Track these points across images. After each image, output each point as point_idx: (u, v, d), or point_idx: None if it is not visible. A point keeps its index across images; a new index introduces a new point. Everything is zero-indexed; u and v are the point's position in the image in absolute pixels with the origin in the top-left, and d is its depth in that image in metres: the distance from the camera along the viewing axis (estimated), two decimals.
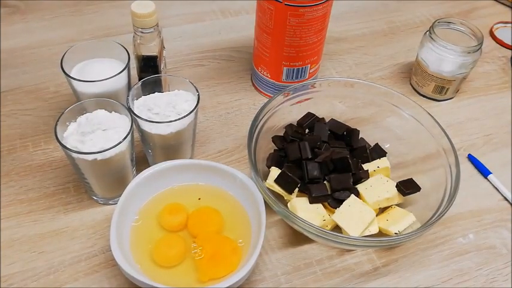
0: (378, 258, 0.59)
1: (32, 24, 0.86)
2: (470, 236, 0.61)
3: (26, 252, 0.57)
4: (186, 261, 0.53)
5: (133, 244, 0.54)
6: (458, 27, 0.76)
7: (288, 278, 0.56)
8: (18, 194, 0.62)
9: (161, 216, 0.56)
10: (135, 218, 0.56)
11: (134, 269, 0.49)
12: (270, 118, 0.63)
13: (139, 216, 0.56)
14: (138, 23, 0.60)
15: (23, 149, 0.67)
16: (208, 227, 0.56)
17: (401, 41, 0.89)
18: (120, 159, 0.56)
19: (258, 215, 0.54)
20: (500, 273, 0.58)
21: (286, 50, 0.68)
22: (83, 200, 0.62)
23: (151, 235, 0.55)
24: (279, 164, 0.61)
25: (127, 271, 0.48)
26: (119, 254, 0.49)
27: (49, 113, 0.71)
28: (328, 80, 0.66)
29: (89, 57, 0.65)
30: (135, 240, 0.54)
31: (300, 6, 0.63)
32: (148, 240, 0.55)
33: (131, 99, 0.59)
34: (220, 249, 0.54)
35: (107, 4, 0.91)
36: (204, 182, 0.59)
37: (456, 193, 0.55)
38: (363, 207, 0.56)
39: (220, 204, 0.58)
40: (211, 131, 0.71)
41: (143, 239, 0.55)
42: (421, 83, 0.77)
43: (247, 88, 0.78)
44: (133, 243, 0.54)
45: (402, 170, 0.64)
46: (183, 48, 0.84)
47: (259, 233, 0.52)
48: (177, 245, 0.54)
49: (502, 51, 0.88)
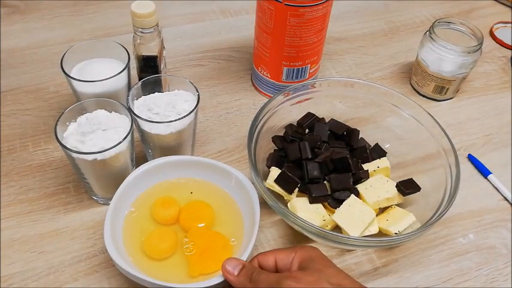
0: (378, 258, 0.59)
1: (32, 24, 0.86)
2: (470, 236, 0.61)
3: (26, 252, 0.57)
4: (176, 254, 0.54)
5: (126, 236, 0.54)
6: (458, 27, 0.76)
7: None
8: (18, 194, 0.62)
9: (154, 209, 0.57)
10: (131, 210, 0.57)
11: (126, 261, 0.50)
12: (270, 118, 0.63)
13: (135, 209, 0.57)
14: (138, 23, 0.60)
15: (23, 149, 0.67)
16: (200, 220, 0.56)
17: (401, 41, 0.89)
18: (120, 159, 0.56)
19: (252, 214, 0.54)
20: (500, 273, 0.58)
21: (286, 50, 0.68)
22: (83, 200, 0.62)
23: (144, 227, 0.56)
24: (279, 164, 0.61)
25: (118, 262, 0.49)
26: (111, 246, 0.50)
27: (49, 113, 0.71)
28: (328, 80, 0.66)
29: (89, 57, 0.65)
30: (128, 232, 0.55)
31: (300, 6, 0.63)
32: (141, 232, 0.55)
33: (131, 99, 0.59)
34: (211, 244, 0.54)
35: (107, 4, 0.91)
36: (201, 178, 0.60)
37: (456, 193, 0.55)
38: (363, 207, 0.56)
39: (212, 199, 0.58)
40: (211, 131, 0.71)
41: (136, 231, 0.55)
42: (421, 83, 0.77)
43: (247, 88, 0.78)
44: (127, 236, 0.54)
45: (402, 170, 0.64)
46: (183, 48, 0.84)
47: (252, 231, 0.52)
48: (168, 238, 0.54)
49: (502, 51, 0.88)
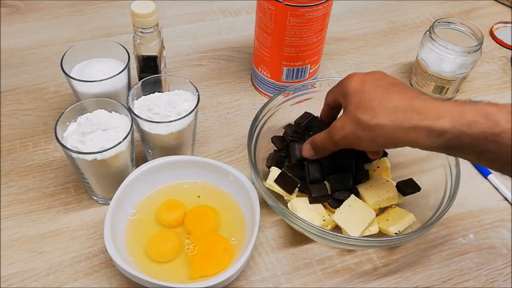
0: (378, 258, 0.59)
1: (32, 24, 0.86)
2: (470, 236, 0.61)
3: (26, 252, 0.57)
4: (179, 257, 0.54)
5: (128, 237, 0.54)
6: (458, 27, 0.76)
7: (288, 278, 0.56)
8: (18, 194, 0.62)
9: (159, 212, 0.57)
10: (132, 211, 0.57)
11: (127, 261, 0.50)
12: (270, 118, 0.63)
13: (136, 210, 0.57)
14: (138, 23, 0.60)
15: (23, 149, 0.67)
16: (205, 225, 0.56)
17: (401, 41, 0.89)
18: (120, 159, 0.56)
19: (252, 214, 0.54)
20: (500, 273, 0.58)
21: (286, 50, 0.68)
22: (83, 200, 0.62)
23: (147, 229, 0.56)
24: (279, 164, 0.61)
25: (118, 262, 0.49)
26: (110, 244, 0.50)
27: (49, 113, 0.71)
28: (328, 80, 0.66)
29: (89, 57, 0.65)
30: (130, 234, 0.55)
31: (300, 6, 0.63)
32: (144, 234, 0.55)
33: (131, 99, 0.59)
34: (213, 247, 0.54)
35: (107, 4, 0.91)
36: (202, 180, 0.60)
37: (456, 193, 0.55)
38: (363, 207, 0.56)
39: (216, 202, 0.58)
40: (211, 131, 0.71)
41: (138, 233, 0.55)
42: (421, 83, 0.77)
43: (247, 88, 0.78)
44: (128, 236, 0.54)
45: (402, 170, 0.64)
46: (183, 48, 0.84)
47: (252, 231, 0.52)
48: (171, 240, 0.54)
49: (502, 51, 0.88)
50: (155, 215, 0.57)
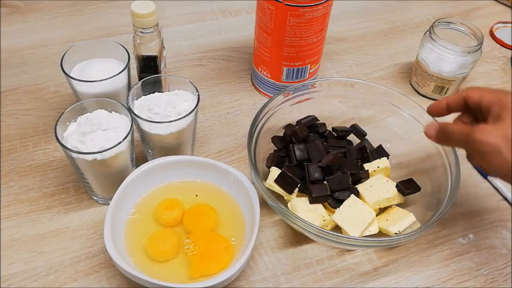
0: (378, 258, 0.59)
1: (32, 24, 0.86)
2: (470, 236, 0.61)
3: (26, 252, 0.57)
4: (178, 256, 0.54)
5: (127, 237, 0.54)
6: (458, 27, 0.76)
7: (288, 278, 0.56)
8: (18, 194, 0.62)
9: (157, 211, 0.57)
10: (131, 211, 0.57)
11: (127, 261, 0.50)
12: (270, 118, 0.63)
13: (136, 210, 0.57)
14: (138, 23, 0.60)
15: (23, 149, 0.67)
16: (203, 224, 0.56)
17: (401, 41, 0.89)
18: (120, 159, 0.56)
19: (252, 214, 0.54)
20: (500, 273, 0.58)
21: (286, 50, 0.68)
22: (83, 200, 0.62)
23: (146, 229, 0.55)
24: (279, 164, 0.61)
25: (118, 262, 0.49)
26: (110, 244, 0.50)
27: (49, 113, 0.71)
28: (328, 80, 0.66)
29: (88, 57, 0.65)
30: (129, 233, 0.55)
31: (300, 6, 0.63)
32: (143, 234, 0.55)
33: (131, 99, 0.59)
34: (212, 246, 0.54)
35: (107, 4, 0.91)
36: (201, 179, 0.59)
37: (456, 193, 0.55)
38: (363, 207, 0.56)
39: (216, 201, 0.58)
40: (211, 131, 0.71)
41: (138, 232, 0.55)
42: (421, 83, 0.77)
43: (247, 88, 0.78)
44: (128, 236, 0.54)
45: (402, 170, 0.64)
46: (183, 48, 0.84)
47: (252, 231, 0.52)
48: (170, 239, 0.54)
49: (502, 51, 0.88)
50: (154, 214, 0.57)
